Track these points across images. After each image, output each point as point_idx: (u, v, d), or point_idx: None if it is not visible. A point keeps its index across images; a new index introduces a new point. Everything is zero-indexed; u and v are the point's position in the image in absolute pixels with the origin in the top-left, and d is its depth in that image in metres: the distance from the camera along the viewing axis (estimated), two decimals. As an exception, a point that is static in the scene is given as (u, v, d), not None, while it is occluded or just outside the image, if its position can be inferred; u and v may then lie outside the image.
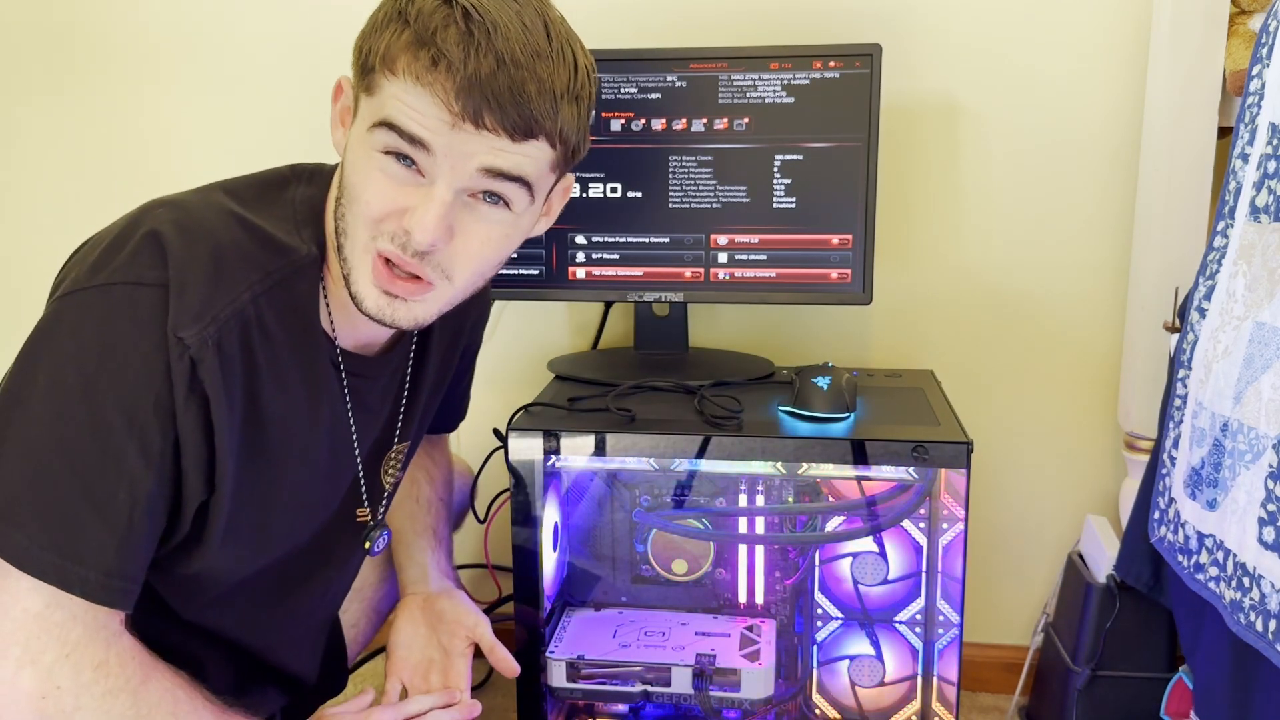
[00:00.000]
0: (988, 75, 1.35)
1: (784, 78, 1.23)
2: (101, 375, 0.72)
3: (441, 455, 1.17)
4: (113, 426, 0.72)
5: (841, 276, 1.27)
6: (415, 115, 0.74)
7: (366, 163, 0.77)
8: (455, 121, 0.74)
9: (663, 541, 1.26)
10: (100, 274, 0.73)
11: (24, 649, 0.71)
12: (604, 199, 1.28)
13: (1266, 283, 0.89)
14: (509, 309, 1.51)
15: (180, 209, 0.78)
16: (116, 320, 0.72)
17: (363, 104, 0.78)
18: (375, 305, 0.80)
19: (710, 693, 1.15)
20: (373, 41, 0.76)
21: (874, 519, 1.15)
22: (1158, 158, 1.23)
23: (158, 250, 0.74)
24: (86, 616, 0.73)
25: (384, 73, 0.75)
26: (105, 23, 1.52)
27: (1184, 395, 1.03)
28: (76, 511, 0.71)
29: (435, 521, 1.12)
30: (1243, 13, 1.18)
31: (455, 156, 0.75)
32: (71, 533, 0.71)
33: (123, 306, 0.73)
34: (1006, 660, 1.46)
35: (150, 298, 0.73)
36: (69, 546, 0.71)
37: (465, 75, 0.73)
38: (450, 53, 0.73)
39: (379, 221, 0.77)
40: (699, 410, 1.14)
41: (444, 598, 1.07)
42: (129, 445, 0.72)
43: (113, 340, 0.72)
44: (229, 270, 0.76)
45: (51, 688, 0.71)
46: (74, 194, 1.58)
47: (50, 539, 0.70)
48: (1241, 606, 0.88)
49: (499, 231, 0.81)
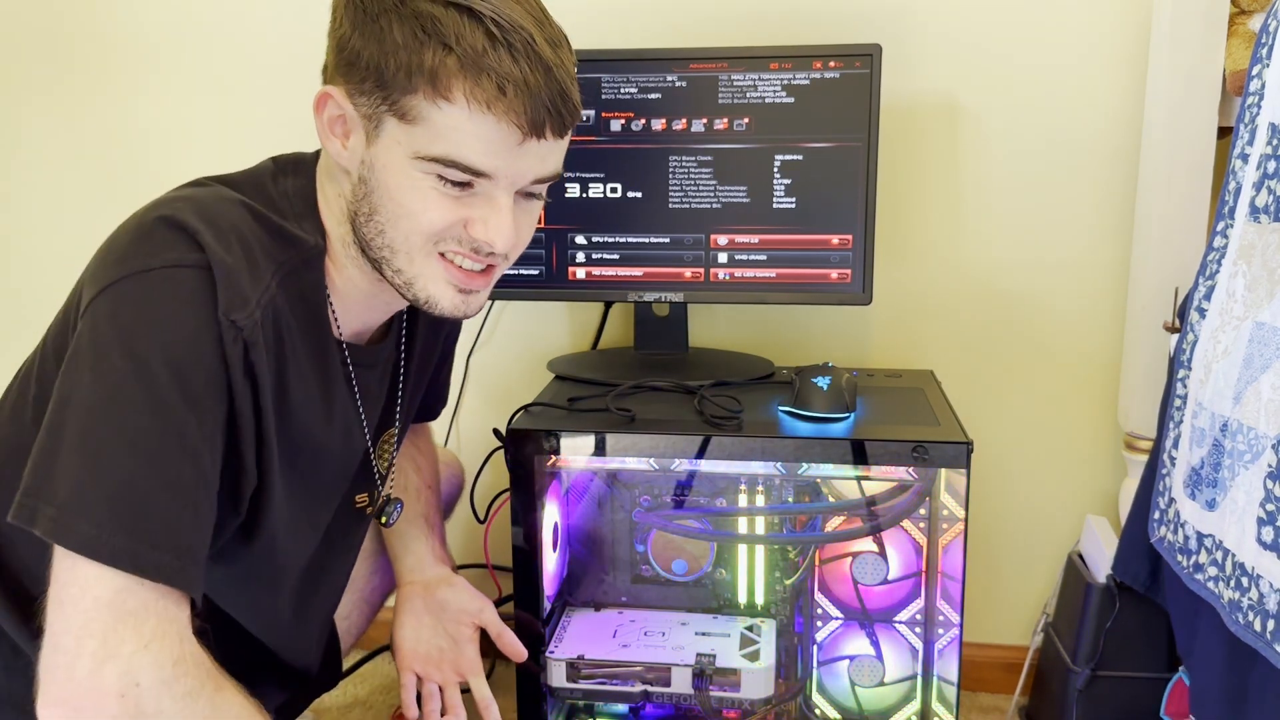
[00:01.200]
0: (988, 75, 1.35)
1: (784, 78, 1.23)
2: (152, 354, 0.70)
3: (425, 444, 1.18)
4: (171, 403, 0.70)
5: (841, 276, 1.27)
6: (479, 146, 0.75)
7: (415, 188, 0.77)
8: (523, 140, 0.76)
9: (663, 541, 1.26)
10: (133, 263, 0.72)
11: (101, 642, 0.67)
12: (604, 199, 1.29)
13: (1266, 283, 0.89)
14: (509, 309, 1.51)
15: (195, 201, 0.77)
16: (160, 301, 0.71)
17: (394, 128, 0.76)
18: (452, 304, 0.83)
19: (710, 693, 1.15)
20: (397, 60, 0.73)
21: (874, 519, 1.16)
22: (1158, 158, 1.23)
23: (188, 236, 0.73)
24: (159, 606, 0.69)
25: (434, 101, 0.73)
26: (105, 23, 1.52)
27: (1184, 395, 1.03)
28: (144, 492, 0.69)
29: (426, 508, 1.12)
30: (1243, 13, 1.18)
31: (515, 174, 0.78)
32: (141, 514, 0.68)
33: (165, 287, 0.71)
34: (1006, 660, 1.46)
35: (193, 279, 0.72)
36: (140, 529, 0.68)
37: (531, 94, 0.74)
38: (511, 74, 0.73)
39: (443, 233, 0.79)
40: (699, 410, 1.14)
41: (443, 585, 1.07)
42: (189, 421, 0.70)
43: (159, 320, 0.70)
44: (256, 258, 0.76)
45: (130, 684, 0.67)
46: (74, 194, 1.58)
47: (120, 523, 0.67)
48: (1240, 606, 0.88)
49: (536, 213, 0.87)
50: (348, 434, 0.91)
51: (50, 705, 0.67)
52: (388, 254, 0.81)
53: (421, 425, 1.18)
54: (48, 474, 0.68)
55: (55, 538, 0.67)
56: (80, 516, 0.67)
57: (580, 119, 0.82)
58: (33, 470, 0.69)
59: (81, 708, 0.67)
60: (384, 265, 0.82)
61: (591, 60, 1.26)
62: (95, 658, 0.67)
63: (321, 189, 0.85)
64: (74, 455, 0.68)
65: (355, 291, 0.86)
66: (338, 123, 0.80)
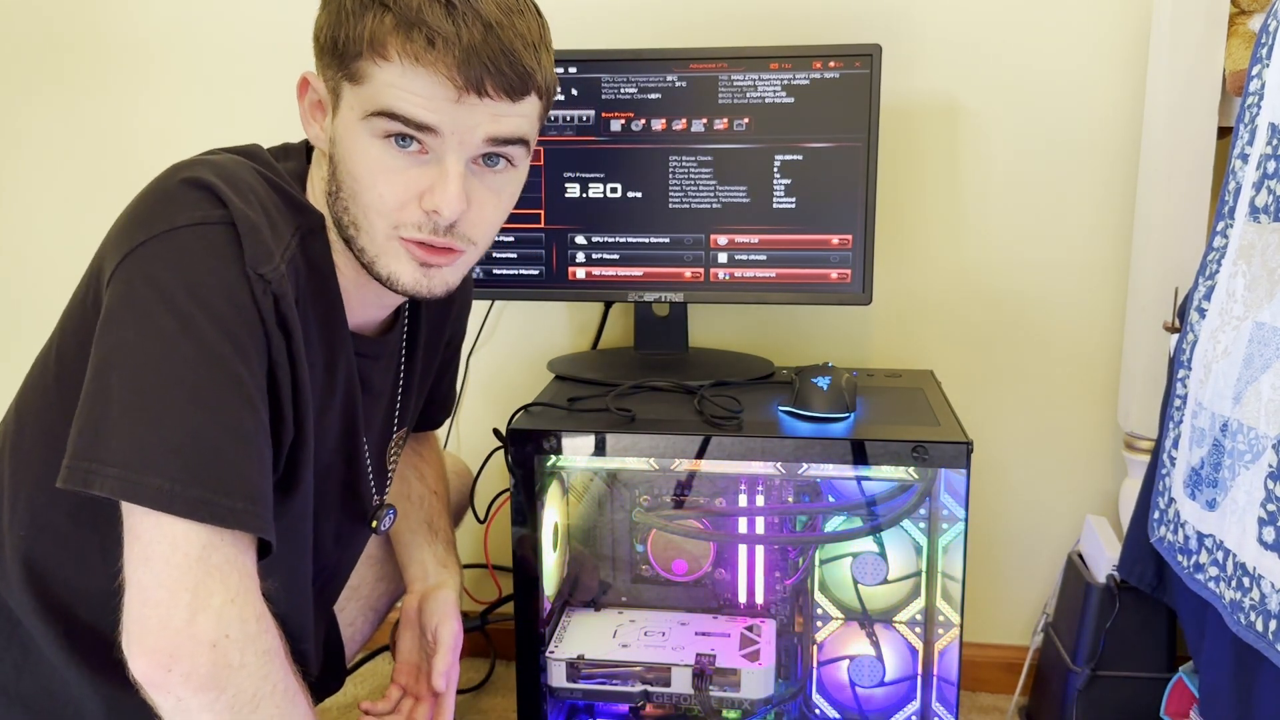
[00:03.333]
0: (988, 75, 1.36)
1: (784, 78, 1.23)
2: (195, 309, 0.70)
3: (430, 452, 1.17)
4: (222, 354, 0.70)
5: (841, 276, 1.27)
6: (417, 100, 0.75)
7: (366, 153, 0.77)
8: (460, 95, 0.75)
9: (663, 541, 1.26)
10: (159, 223, 0.72)
11: (194, 594, 0.68)
12: (604, 199, 1.28)
13: (1266, 283, 0.89)
14: (509, 309, 1.51)
15: (212, 164, 0.77)
16: (193, 257, 0.71)
17: (348, 94, 0.77)
18: (413, 280, 0.81)
19: (710, 693, 1.15)
20: (347, 29, 0.76)
21: (874, 519, 1.16)
22: (1158, 158, 1.23)
23: (209, 193, 0.73)
24: (240, 562, 0.70)
25: (373, 59, 0.75)
26: (105, 23, 1.52)
27: (1184, 395, 1.03)
28: (211, 442, 0.69)
29: (429, 515, 1.12)
30: (1243, 13, 1.18)
31: (461, 130, 0.77)
32: (212, 464, 0.69)
33: (196, 243, 0.71)
34: (1006, 660, 1.46)
35: (221, 235, 0.72)
36: (213, 479, 0.68)
37: (462, 48, 0.74)
38: (442, 28, 0.73)
39: (397, 210, 0.78)
40: (699, 410, 1.14)
41: (429, 596, 1.06)
42: (242, 370, 0.71)
43: (196, 275, 0.71)
44: (274, 217, 0.77)
45: (221, 635, 0.69)
46: (72, 194, 1.58)
47: (192, 475, 0.68)
48: (1241, 606, 0.88)
49: (507, 191, 0.84)
50: (348, 420, 0.91)
51: (145, 654, 0.68)
52: (353, 231, 0.81)
53: (426, 434, 1.17)
54: (99, 436, 0.68)
55: (125, 495, 0.67)
56: (150, 472, 0.67)
57: (540, 85, 0.80)
58: (80, 434, 0.69)
59: (177, 654, 0.68)
60: (351, 244, 0.82)
61: (591, 60, 1.26)
62: (190, 609, 0.68)
63: (311, 177, 0.86)
64: (131, 413, 0.68)
65: (347, 282, 0.85)
66: (317, 108, 0.82)
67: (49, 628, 0.80)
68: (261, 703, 0.71)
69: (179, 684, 0.68)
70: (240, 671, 0.70)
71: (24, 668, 0.82)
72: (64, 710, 0.83)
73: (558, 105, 1.26)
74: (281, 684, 0.73)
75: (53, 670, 0.81)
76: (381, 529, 1.00)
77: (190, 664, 0.68)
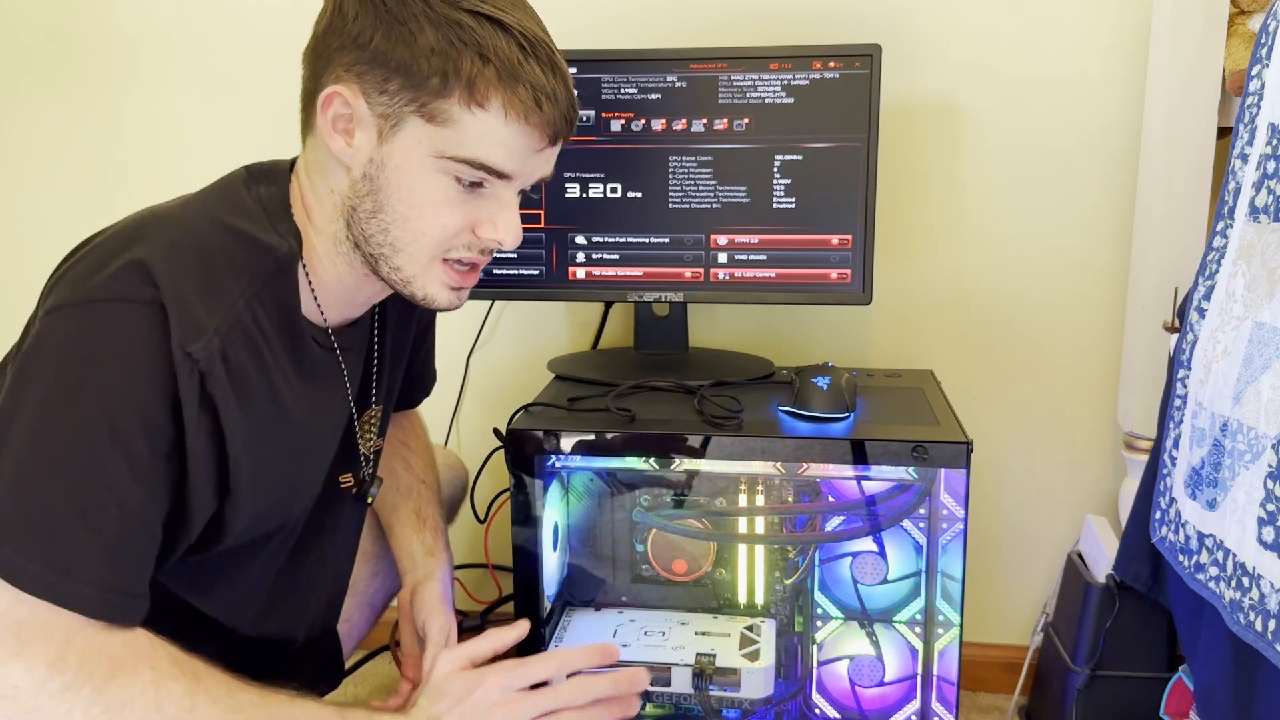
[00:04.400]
0: (988, 75, 1.36)
1: (784, 78, 1.23)
2: (86, 389, 0.71)
3: (416, 440, 1.18)
4: (96, 439, 0.71)
5: (841, 276, 1.27)
6: (509, 153, 0.79)
7: (431, 187, 0.80)
8: (545, 147, 0.81)
9: (663, 541, 1.26)
10: (81, 289, 0.73)
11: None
12: (604, 199, 1.29)
13: (1266, 283, 0.89)
14: (509, 309, 1.51)
15: (162, 222, 0.78)
16: (102, 335, 0.72)
17: (417, 127, 0.78)
18: (448, 300, 0.87)
19: (710, 692, 1.15)
20: (428, 63, 0.76)
21: (874, 519, 1.16)
22: (1157, 158, 1.24)
23: (142, 271, 0.74)
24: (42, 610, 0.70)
25: (468, 106, 0.77)
26: (105, 23, 1.52)
27: (1184, 395, 1.03)
28: (65, 524, 0.70)
29: (417, 504, 1.12)
30: (1242, 13, 1.18)
31: (527, 175, 0.84)
32: (60, 546, 0.70)
33: (109, 321, 0.73)
34: (1006, 660, 1.46)
35: (140, 314, 0.73)
36: (58, 560, 0.70)
37: (557, 106, 0.79)
38: (544, 86, 0.78)
39: (453, 238, 0.83)
40: (699, 410, 1.14)
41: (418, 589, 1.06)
42: (114, 457, 0.72)
43: (96, 355, 0.72)
44: (220, 279, 0.77)
45: (10, 689, 0.69)
46: (74, 194, 1.58)
47: (39, 553, 0.69)
48: (1241, 606, 0.88)
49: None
50: (336, 419, 0.93)
51: None
52: (388, 251, 0.83)
53: (411, 420, 1.18)
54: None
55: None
56: (3, 541, 0.69)
57: None
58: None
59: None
60: (381, 261, 0.84)
61: (591, 60, 1.26)
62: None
63: (302, 190, 0.86)
64: (4, 480, 0.70)
65: (340, 286, 0.87)
66: (342, 120, 0.81)
67: None
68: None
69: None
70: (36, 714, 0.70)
71: None
72: None
73: (558, 105, 1.26)
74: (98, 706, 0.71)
75: None
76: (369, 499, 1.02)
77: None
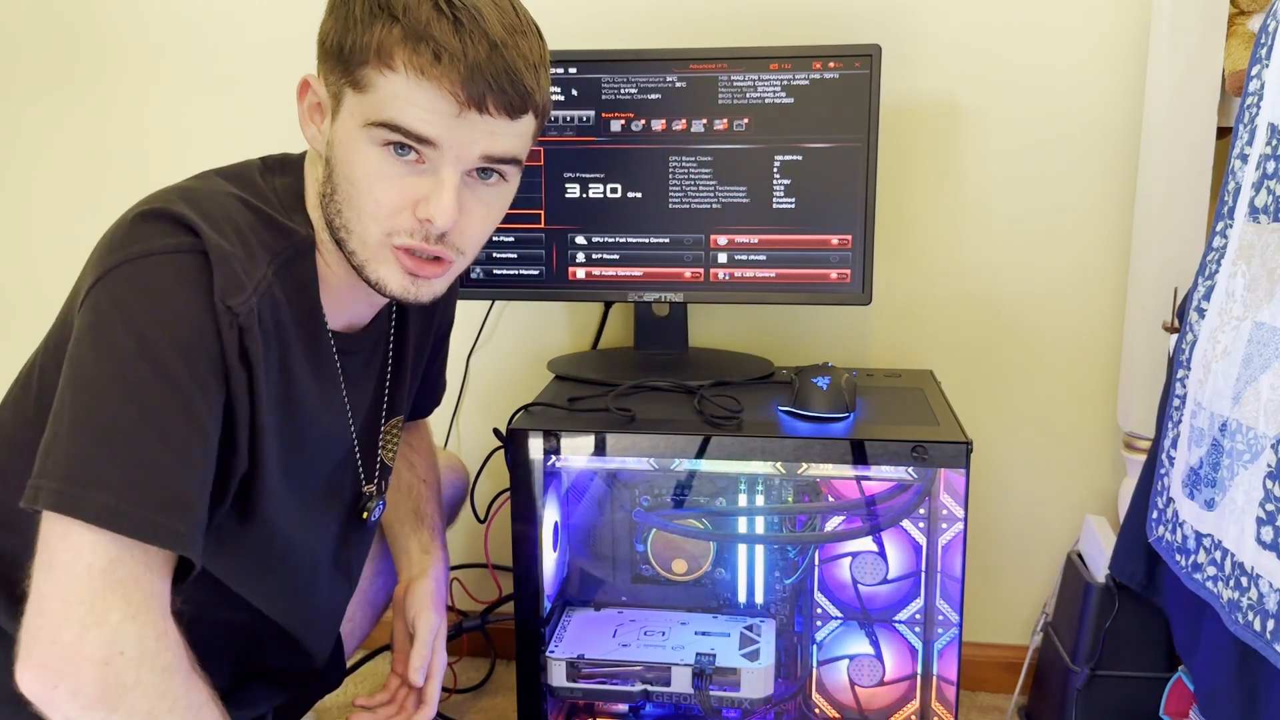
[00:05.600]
0: (988, 75, 1.36)
1: (784, 78, 1.23)
2: (158, 334, 0.71)
3: (420, 440, 1.18)
4: (178, 378, 0.71)
5: (841, 276, 1.27)
6: (420, 113, 0.76)
7: (365, 159, 0.79)
8: (461, 111, 0.77)
9: (663, 541, 1.27)
10: (132, 248, 0.73)
11: (89, 609, 0.67)
12: (604, 199, 1.29)
13: (1265, 283, 0.89)
14: (509, 309, 1.51)
15: (187, 192, 0.78)
16: (161, 283, 0.72)
17: (350, 100, 0.78)
18: (401, 287, 0.83)
19: (710, 692, 1.15)
20: (354, 36, 0.77)
21: (873, 519, 1.16)
22: (1157, 158, 1.24)
23: (184, 224, 0.74)
24: (146, 580, 0.70)
25: (379, 69, 0.76)
26: (106, 23, 1.52)
27: (1183, 395, 1.03)
28: (156, 461, 0.69)
29: (416, 502, 1.13)
30: (1242, 13, 1.18)
31: (460, 145, 0.78)
32: (154, 484, 0.69)
33: (165, 270, 0.72)
34: (1006, 660, 1.46)
35: (191, 263, 0.73)
36: (159, 498, 0.69)
37: (467, 64, 0.75)
38: (449, 44, 0.75)
39: (391, 217, 0.80)
40: (699, 410, 1.14)
41: (411, 586, 1.07)
42: (195, 394, 0.72)
43: (161, 301, 0.72)
44: (252, 247, 0.78)
45: (115, 652, 0.67)
46: (75, 194, 1.58)
47: (133, 491, 0.68)
48: (1239, 606, 0.88)
49: (498, 204, 0.86)
50: (333, 422, 0.92)
51: (32, 668, 0.67)
52: (344, 235, 0.82)
53: (417, 424, 1.18)
54: (52, 454, 0.69)
55: (64, 509, 0.67)
56: (89, 486, 0.68)
57: (538, 105, 0.82)
58: (41, 455, 0.70)
59: (64, 671, 0.67)
60: (343, 247, 0.83)
61: (591, 60, 1.26)
62: (82, 624, 0.67)
63: (307, 184, 0.87)
64: (79, 429, 0.69)
65: (339, 283, 0.87)
66: (315, 110, 0.83)
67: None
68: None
69: (65, 701, 0.67)
70: (134, 691, 0.68)
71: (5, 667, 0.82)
72: None
73: (558, 105, 1.26)
74: (183, 700, 0.72)
75: None
76: (371, 519, 1.01)
77: (76, 682, 0.67)
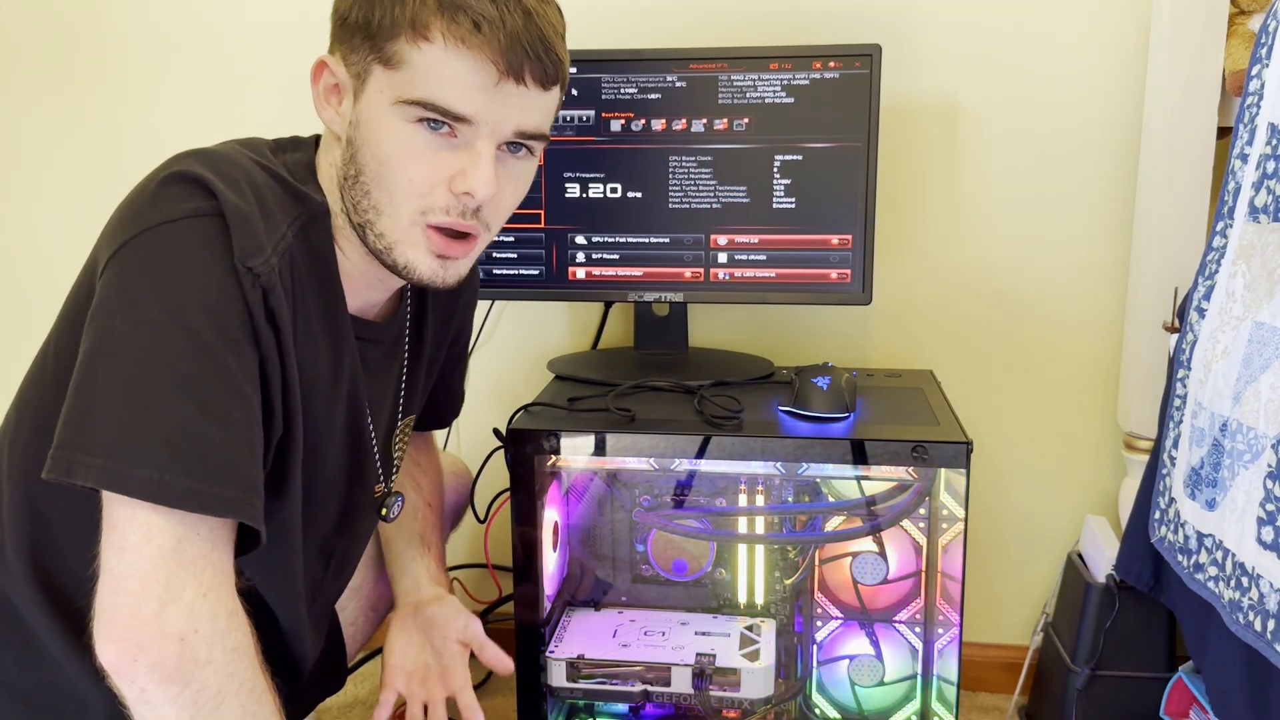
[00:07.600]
0: (988, 76, 1.36)
1: (784, 78, 1.23)
2: (186, 301, 0.70)
3: (428, 460, 1.17)
4: (212, 345, 0.70)
5: (841, 276, 1.27)
6: (458, 90, 0.75)
7: (396, 136, 0.77)
8: (500, 80, 0.76)
9: (663, 541, 1.27)
10: (152, 216, 0.72)
11: (165, 587, 0.68)
12: (604, 199, 1.29)
13: (1266, 283, 0.89)
14: (509, 309, 1.51)
15: (204, 155, 0.77)
16: (186, 249, 0.71)
17: (379, 76, 0.77)
18: (430, 271, 0.82)
19: (710, 692, 1.15)
20: (383, 10, 0.76)
21: (874, 519, 1.16)
22: (1157, 158, 1.24)
23: (202, 186, 0.73)
24: (214, 557, 0.71)
25: (414, 42, 0.75)
26: (107, 23, 1.52)
27: (1183, 395, 1.03)
28: (200, 432, 0.69)
29: (423, 527, 1.11)
30: (1242, 13, 1.18)
31: (495, 121, 0.78)
32: (201, 454, 0.69)
33: (189, 236, 0.72)
34: (1006, 660, 1.46)
35: (212, 227, 0.72)
36: (202, 468, 0.68)
37: (506, 32, 0.75)
38: (487, 12, 0.75)
39: (426, 194, 0.79)
40: (699, 410, 1.14)
41: (434, 603, 1.06)
42: (231, 361, 0.71)
43: (187, 268, 0.71)
44: (269, 208, 0.77)
45: (190, 629, 0.69)
46: (73, 192, 1.58)
47: (181, 465, 0.68)
48: (1240, 606, 0.88)
49: (524, 178, 0.86)
50: (354, 407, 0.90)
51: (113, 642, 0.68)
52: (372, 216, 0.80)
53: (425, 437, 1.17)
54: (84, 427, 0.68)
55: (109, 485, 0.67)
56: (136, 463, 0.67)
57: (565, 76, 0.82)
58: (65, 424, 0.69)
59: (144, 645, 0.68)
60: (367, 230, 0.81)
61: (591, 60, 1.26)
62: (160, 600, 0.68)
63: (320, 165, 0.86)
64: (118, 404, 0.68)
65: (351, 265, 0.85)
66: (332, 92, 0.82)
67: (54, 622, 0.80)
68: (226, 699, 0.71)
69: (144, 674, 0.68)
70: (206, 667, 0.70)
71: (26, 663, 0.82)
72: (66, 705, 0.83)
73: (558, 105, 1.26)
74: (248, 682, 0.73)
75: (56, 665, 0.81)
76: (390, 516, 1.00)
77: (156, 655, 0.68)
